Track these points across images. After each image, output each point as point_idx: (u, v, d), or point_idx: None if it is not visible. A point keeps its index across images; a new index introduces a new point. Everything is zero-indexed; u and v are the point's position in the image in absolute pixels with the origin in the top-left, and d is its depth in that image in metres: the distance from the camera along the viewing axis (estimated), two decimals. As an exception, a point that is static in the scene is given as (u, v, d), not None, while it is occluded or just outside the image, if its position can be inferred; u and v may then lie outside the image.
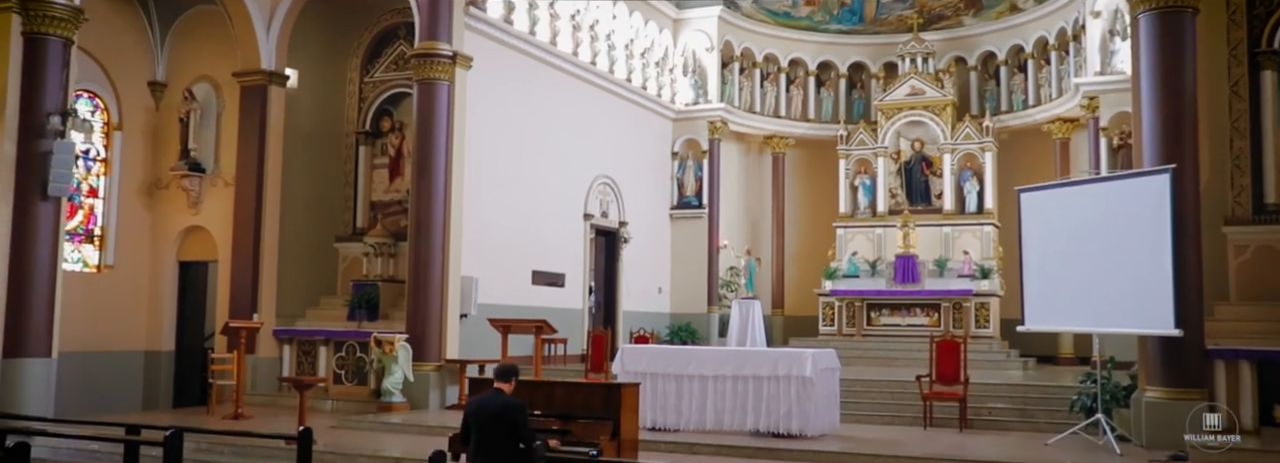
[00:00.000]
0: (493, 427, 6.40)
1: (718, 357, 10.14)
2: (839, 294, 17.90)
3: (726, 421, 9.86)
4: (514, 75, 14.75)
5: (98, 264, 13.97)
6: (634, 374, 10.23)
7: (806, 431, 9.56)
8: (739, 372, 9.83)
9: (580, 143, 16.34)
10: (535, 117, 15.23)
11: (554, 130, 15.69)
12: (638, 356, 10.45)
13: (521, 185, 14.82)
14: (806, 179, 20.37)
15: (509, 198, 14.46)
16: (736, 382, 9.82)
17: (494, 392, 6.65)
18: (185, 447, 9.51)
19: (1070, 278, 9.78)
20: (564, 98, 15.97)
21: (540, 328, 11.11)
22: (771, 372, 9.69)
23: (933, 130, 18.97)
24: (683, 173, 19.15)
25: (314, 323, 13.89)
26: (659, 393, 10.12)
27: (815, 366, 9.65)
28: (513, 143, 14.65)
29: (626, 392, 7.26)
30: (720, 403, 9.88)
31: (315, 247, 14.44)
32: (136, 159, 14.38)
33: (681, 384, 10.06)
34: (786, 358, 9.74)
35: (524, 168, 14.88)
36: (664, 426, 10.07)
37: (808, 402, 9.58)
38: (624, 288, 17.32)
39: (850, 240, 18.97)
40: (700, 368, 10.00)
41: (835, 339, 17.17)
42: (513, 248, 14.46)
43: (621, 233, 17.39)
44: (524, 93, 15.01)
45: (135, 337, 14.04)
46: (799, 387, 9.58)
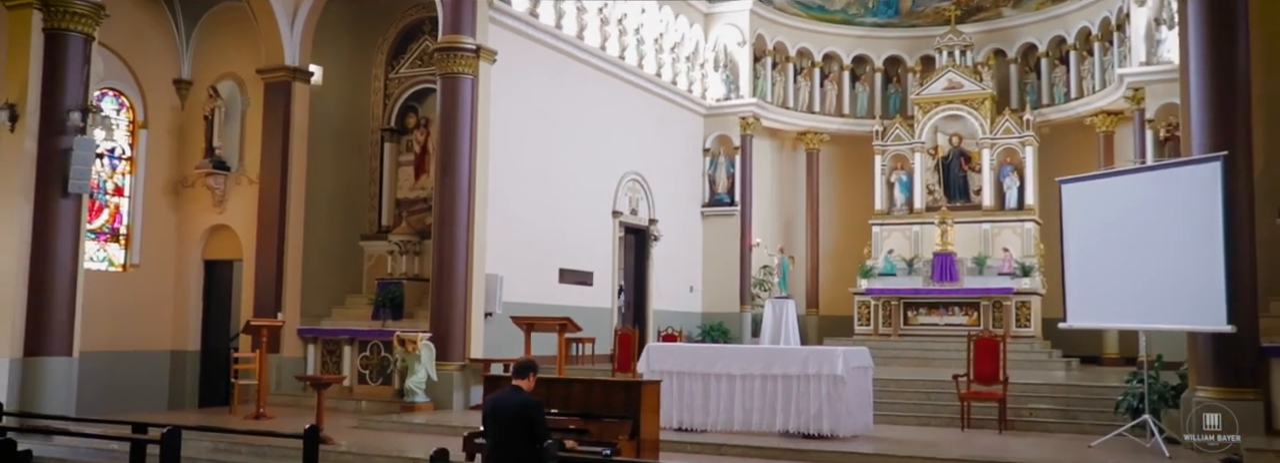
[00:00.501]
0: (510, 426, 6.24)
1: (746, 355, 9.91)
2: (875, 293, 17.66)
3: (755, 421, 9.63)
4: (540, 70, 14.61)
5: (123, 263, 14.01)
6: (660, 373, 10.00)
7: (838, 431, 9.30)
8: (768, 370, 9.60)
9: (609, 139, 16.18)
10: (562, 112, 15.08)
11: (581, 126, 15.53)
12: (664, 354, 10.23)
13: (548, 182, 14.67)
14: (842, 176, 20.16)
15: (536, 195, 14.33)
16: (765, 381, 9.59)
17: (511, 390, 6.49)
18: (202, 446, 9.63)
19: (1114, 272, 9.41)
20: (592, 93, 15.81)
21: (564, 326, 10.95)
22: (801, 370, 9.45)
23: (971, 125, 18.60)
24: (714, 170, 18.98)
25: (338, 322, 13.83)
26: (685, 393, 9.91)
27: (847, 364, 9.38)
28: (539, 139, 14.51)
29: (647, 390, 7.03)
30: (748, 403, 9.65)
31: (340, 245, 14.38)
32: (162, 157, 14.41)
33: (709, 384, 9.84)
34: (817, 356, 9.48)
35: (551, 164, 14.74)
36: (691, 426, 9.87)
37: (839, 401, 9.31)
38: (654, 287, 17.16)
39: (886, 238, 18.70)
40: (728, 367, 9.78)
41: (871, 339, 16.92)
42: (539, 246, 14.32)
43: (651, 231, 17.24)
44: (550, 88, 14.86)
45: (161, 337, 14.05)
46: (830, 386, 9.32)
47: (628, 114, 16.71)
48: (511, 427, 6.26)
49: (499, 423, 6.36)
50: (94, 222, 13.62)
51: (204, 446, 9.58)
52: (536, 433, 6.20)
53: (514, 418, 6.25)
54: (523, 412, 6.24)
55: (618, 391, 7.09)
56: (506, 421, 6.30)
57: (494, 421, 6.40)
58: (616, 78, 16.48)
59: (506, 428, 6.30)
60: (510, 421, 6.27)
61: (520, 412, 6.25)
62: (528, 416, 6.24)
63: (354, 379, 13.30)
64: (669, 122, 17.99)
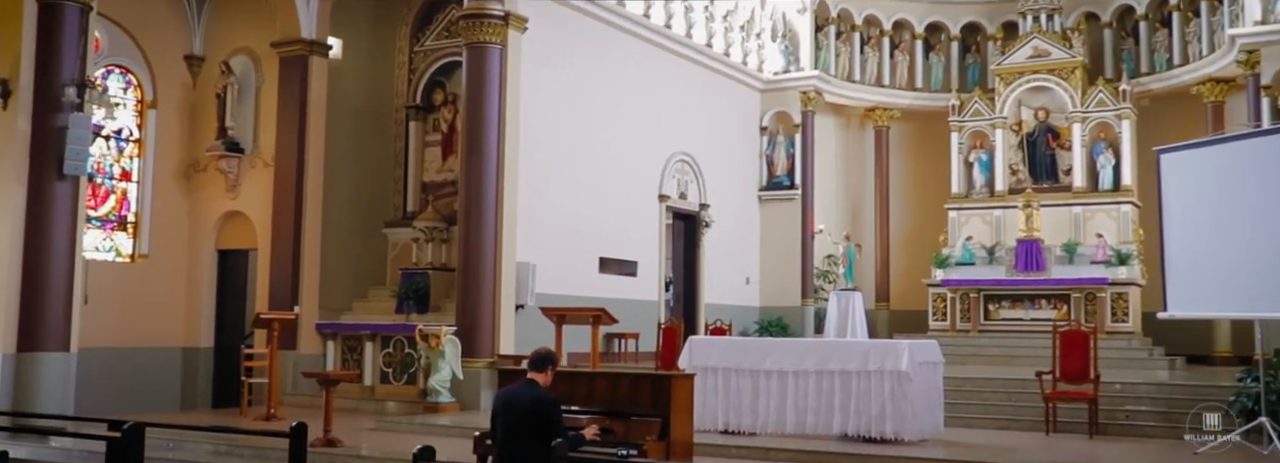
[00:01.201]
0: (522, 424, 5.98)
1: (799, 349, 9.63)
2: (952, 285, 17.26)
3: (810, 423, 9.38)
4: (577, 40, 14.36)
5: (131, 253, 14.01)
6: (704, 370, 9.79)
7: (903, 435, 8.99)
8: (824, 366, 9.31)
9: (654, 116, 15.91)
10: (602, 86, 14.83)
11: (624, 102, 15.27)
12: (708, 348, 9.98)
13: (587, 163, 14.43)
14: (914, 155, 19.76)
15: (572, 176, 14.11)
16: (821, 378, 9.32)
17: (525, 383, 6.22)
18: (202, 449, 9.53)
19: (1223, 254, 8.82)
20: (635, 65, 15.56)
21: (598, 317, 10.70)
22: (862, 366, 9.14)
23: (1060, 97, 18.06)
24: (772, 150, 18.71)
25: (360, 316, 13.74)
26: (732, 391, 9.69)
27: (913, 358, 9.03)
28: (576, 116, 14.27)
29: (678, 384, 6.69)
30: (802, 402, 9.40)
31: (361, 233, 14.30)
32: (172, 139, 14.40)
33: (758, 381, 9.61)
34: (879, 350, 9.16)
35: (590, 143, 14.50)
36: (738, 428, 9.66)
37: (904, 401, 8.97)
38: (706, 278, 16.87)
39: (964, 224, 18.30)
40: (779, 362, 9.52)
41: (947, 336, 16.64)
42: (577, 233, 14.08)
43: (702, 217, 16.97)
44: (589, 59, 14.61)
45: (172, 332, 14.06)
46: (894, 383, 8.99)
47: (675, 89, 16.44)
48: (524, 425, 5.99)
49: (510, 421, 6.08)
50: (100, 209, 13.68)
51: (204, 449, 9.47)
52: (552, 432, 5.89)
53: (527, 415, 5.98)
54: (537, 409, 5.97)
55: (645, 385, 6.76)
56: (518, 418, 6.03)
57: (504, 418, 6.12)
58: (663, 49, 16.20)
59: (518, 427, 6.02)
60: (522, 418, 6.00)
61: (534, 409, 5.98)
62: (542, 413, 5.96)
63: (376, 378, 13.17)
64: (721, 97, 17.71)
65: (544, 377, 6.19)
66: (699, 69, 17.07)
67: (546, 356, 6.26)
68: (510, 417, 6.09)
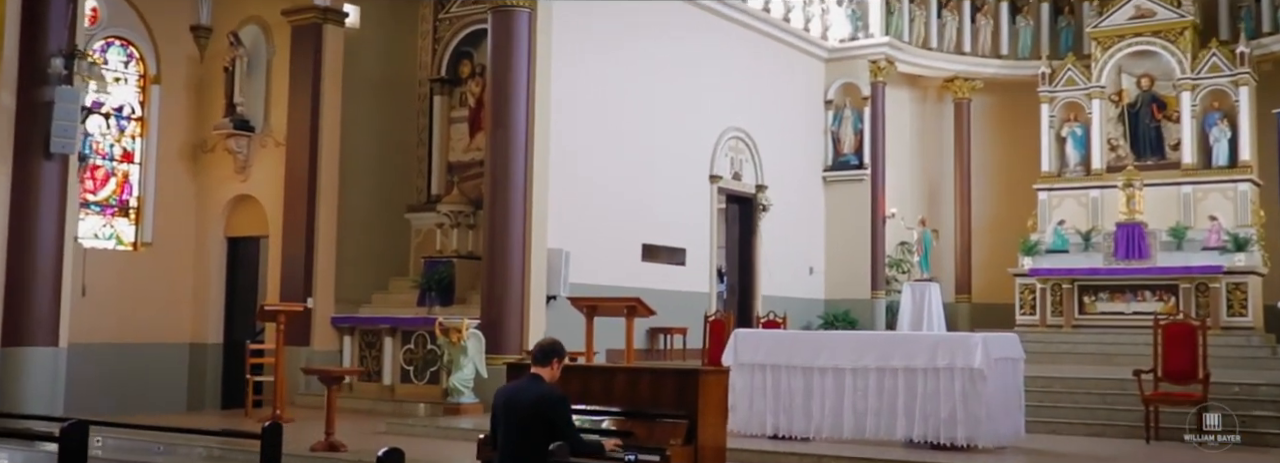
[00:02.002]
0: (525, 426, 5.68)
1: (857, 343, 9.21)
2: (1041, 274, 16.83)
3: (870, 427, 8.97)
4: (616, 4, 14.12)
5: (133, 241, 13.99)
6: (751, 367, 9.48)
7: (977, 441, 8.54)
8: (886, 363, 8.90)
9: (704, 89, 15.71)
10: (644, 55, 14.63)
11: (669, 72, 15.05)
12: (755, 343, 9.61)
13: (628, 139, 14.24)
14: (999, 130, 19.48)
15: (612, 154, 13.93)
16: (882, 376, 8.91)
17: (529, 379, 5.91)
18: (195, 453, 9.37)
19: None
20: (682, 32, 15.35)
21: (633, 308, 10.43)
22: (929, 362, 8.71)
23: (1166, 63, 17.56)
24: (839, 126, 18.51)
25: (379, 309, 13.61)
26: (783, 391, 9.33)
27: (988, 353, 8.56)
28: (616, 87, 14.08)
29: (707, 381, 6.29)
30: (861, 404, 9.00)
31: (382, 218, 14.15)
32: (177, 117, 14.35)
33: (811, 379, 9.23)
34: (949, 344, 8.70)
35: (631, 118, 14.32)
36: (789, 432, 9.29)
37: (978, 403, 8.53)
38: (763, 268, 16.71)
39: (1056, 206, 17.95)
40: (835, 358, 9.12)
41: (1036, 331, 16.29)
42: (617, 217, 13.93)
43: (759, 199, 16.79)
44: (630, 26, 14.42)
45: (177, 327, 14.04)
46: (966, 382, 8.55)
47: (728, 58, 16.21)
48: (527, 427, 5.68)
49: (512, 422, 5.77)
50: (99, 192, 13.68)
51: (196, 452, 9.34)
52: (561, 435, 5.56)
53: (530, 416, 5.69)
54: (542, 408, 5.67)
55: (669, 382, 6.36)
56: (521, 419, 5.72)
57: (505, 419, 5.82)
58: (715, 14, 15.98)
59: (521, 428, 5.71)
60: (526, 419, 5.70)
61: (538, 408, 5.68)
62: (547, 413, 5.65)
63: (395, 377, 13.05)
64: (780, 68, 17.49)
65: (549, 371, 5.88)
66: (756, 36, 16.85)
67: (551, 346, 5.95)
68: (512, 417, 5.79)
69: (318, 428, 10.06)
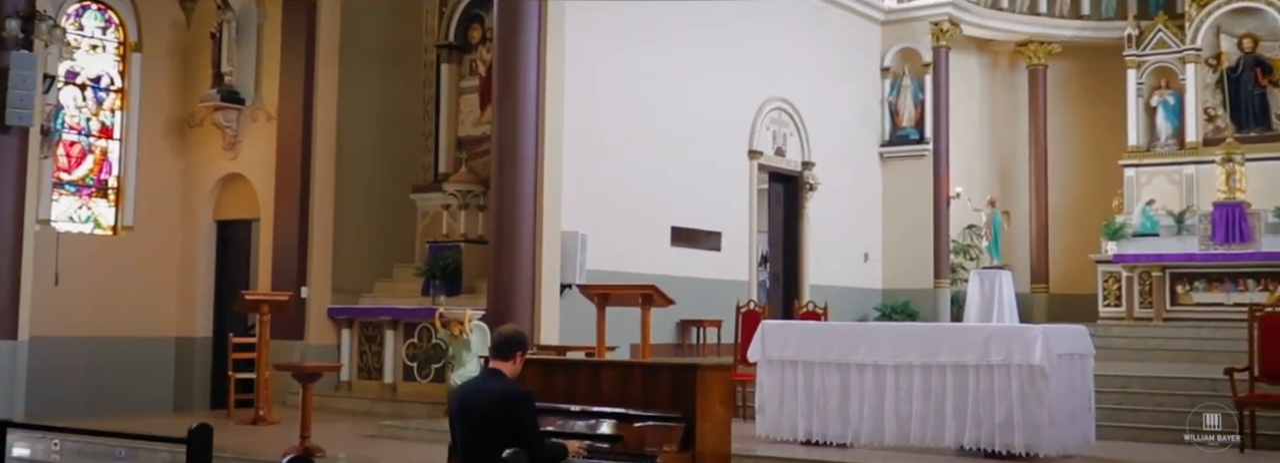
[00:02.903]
0: (485, 426, 5.40)
1: (900, 336, 8.83)
2: (1128, 261, 16.46)
3: (914, 432, 8.60)
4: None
5: (113, 225, 13.97)
6: (781, 364, 9.15)
7: (1038, 449, 8.16)
8: (932, 358, 8.52)
9: (743, 54, 15.45)
10: (674, 16, 14.37)
11: (703, 36, 14.79)
12: (784, 336, 9.23)
13: (655, 110, 14.01)
14: (1079, 100, 19.16)
15: (636, 126, 13.70)
16: (928, 374, 8.55)
17: (488, 375, 5.64)
18: (159, 458, 9.14)
19: None
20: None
21: (649, 297, 10.05)
22: (981, 358, 8.31)
23: (1272, 21, 17.16)
24: (896, 96, 18.21)
25: (382, 299, 13.46)
26: (816, 391, 8.98)
27: (1049, 348, 8.14)
28: (641, 51, 13.83)
29: (708, 377, 5.90)
30: (905, 406, 8.62)
31: (385, 199, 14.01)
32: (161, 89, 14.32)
33: (848, 378, 8.88)
34: (1004, 337, 8.28)
35: (659, 86, 14.08)
36: (824, 438, 8.95)
37: (1038, 405, 8.12)
38: (810, 254, 16.48)
39: (1145, 184, 17.59)
40: (875, 353, 8.76)
41: (1122, 325, 16.01)
42: (642, 196, 13.70)
43: (805, 178, 16.57)
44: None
45: (162, 319, 14.02)
46: (1024, 381, 8.16)
47: (771, 20, 15.89)
48: (486, 428, 5.38)
49: (469, 423, 5.49)
50: (74, 171, 13.64)
51: (160, 457, 9.03)
52: (521, 436, 5.29)
53: (489, 416, 5.39)
54: (503, 406, 5.38)
55: (663, 378, 5.97)
56: (479, 420, 5.43)
57: (462, 420, 5.53)
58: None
59: (479, 430, 5.43)
60: (484, 419, 5.41)
61: (499, 407, 5.38)
62: (509, 411, 5.36)
63: (397, 374, 12.89)
64: (830, 31, 17.22)
65: (510, 365, 5.60)
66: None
67: (512, 337, 5.66)
68: (469, 418, 5.50)
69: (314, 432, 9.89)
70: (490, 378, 5.54)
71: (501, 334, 5.70)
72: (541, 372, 6.37)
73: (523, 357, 5.61)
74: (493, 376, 5.54)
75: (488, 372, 5.62)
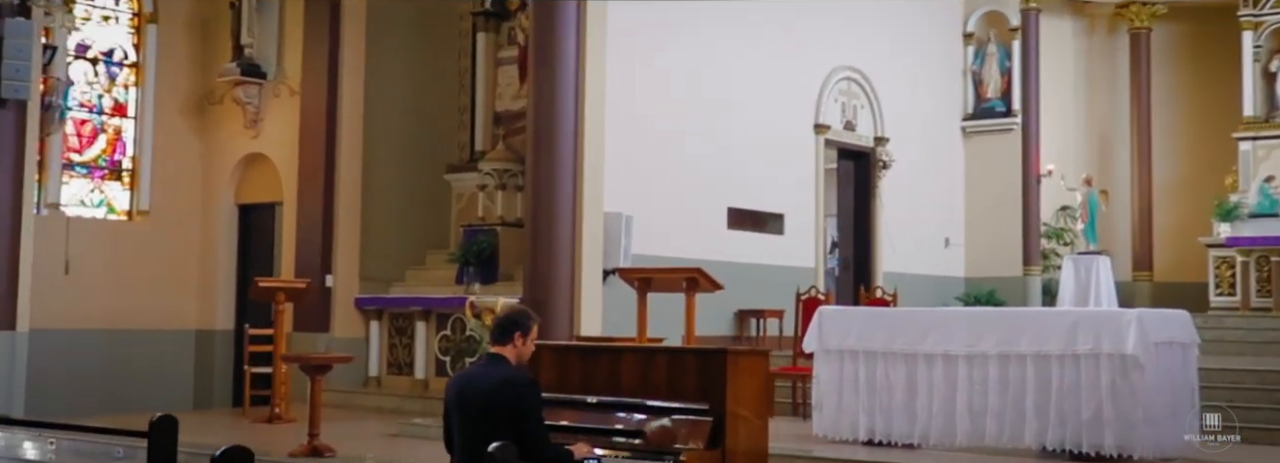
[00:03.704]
0: (484, 419, 5.13)
1: (974, 322, 8.66)
2: (1243, 244, 16.32)
3: (991, 431, 8.42)
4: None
5: (128, 210, 14.00)
6: (840, 354, 9.02)
7: (1132, 450, 7.96)
8: (1010, 347, 8.33)
9: (810, 19, 15.29)
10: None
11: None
12: (844, 323, 9.06)
13: (711, 80, 13.90)
14: (1186, 67, 18.84)
15: (689, 98, 13.61)
16: (1006, 365, 8.37)
17: (487, 362, 5.38)
18: None
19: None
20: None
21: (693, 281, 9.83)
22: (1066, 346, 8.12)
23: None
24: (981, 64, 18.03)
25: (413, 288, 13.45)
26: (880, 384, 8.85)
27: (1144, 335, 7.90)
28: (693, 15, 13.64)
29: (740, 364, 5.55)
30: (980, 401, 8.44)
31: (417, 180, 13.99)
32: (178, 63, 14.30)
33: (916, 370, 8.73)
34: (1093, 323, 8.07)
35: (715, 54, 13.96)
36: (888, 438, 8.81)
37: (1132, 400, 7.91)
38: (883, 238, 16.33)
39: (1263, 159, 17.15)
40: (945, 342, 8.57)
41: (1237, 315, 15.84)
42: (694, 175, 13.59)
43: (878, 155, 16.45)
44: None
45: (182, 310, 14.01)
46: (1116, 373, 7.96)
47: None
48: (488, 423, 5.10)
49: (467, 416, 5.23)
50: (86, 151, 13.67)
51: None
52: (524, 431, 5.02)
53: (489, 408, 5.12)
54: (504, 397, 5.10)
55: (688, 365, 5.64)
56: (478, 411, 5.17)
57: (459, 413, 5.27)
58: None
59: (478, 424, 5.15)
60: (484, 412, 5.14)
61: (500, 398, 5.11)
62: (513, 403, 5.08)
63: (430, 370, 12.84)
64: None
65: (513, 349, 5.31)
66: (875, -48, 16.46)
67: (510, 317, 5.37)
68: (466, 410, 5.23)
69: (333, 432, 9.80)
70: (490, 365, 5.27)
71: (504, 316, 5.43)
72: (555, 358, 6.11)
73: (527, 339, 5.31)
74: (493, 362, 5.26)
75: (488, 358, 5.35)
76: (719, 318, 13.28)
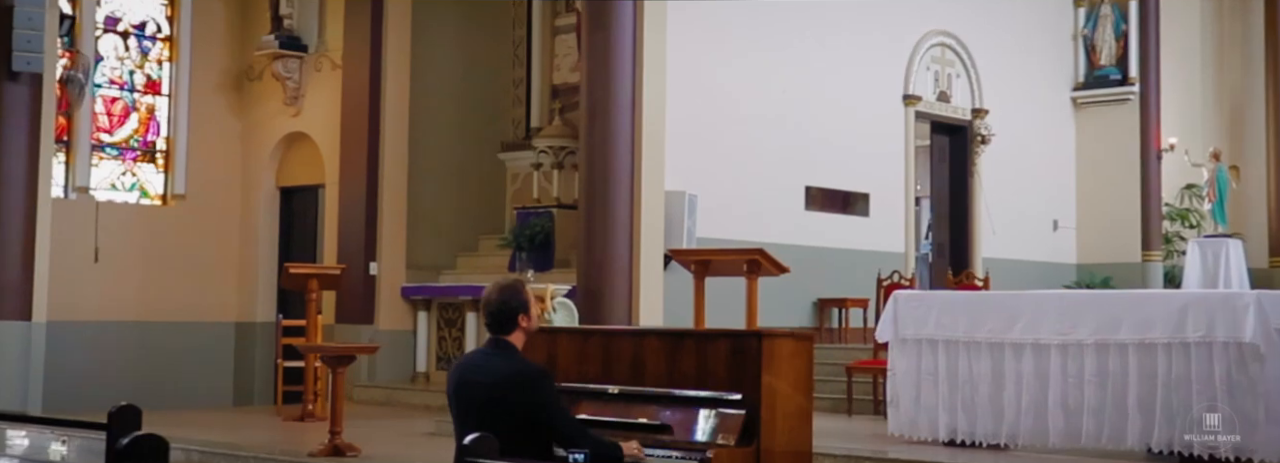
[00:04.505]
0: (493, 414, 4.88)
1: (1068, 307, 8.18)
2: None
3: (1088, 430, 7.98)
4: None
5: (162, 194, 14.13)
6: (918, 343, 8.64)
7: (1252, 453, 7.46)
8: (1109, 335, 7.86)
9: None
10: None
11: None
12: (922, 310, 8.64)
13: (785, 46, 13.85)
14: None
15: (761, 66, 13.53)
16: (1104, 355, 7.90)
17: (490, 350, 5.10)
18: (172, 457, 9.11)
19: None
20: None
21: (755, 263, 9.59)
22: (1174, 333, 7.63)
23: None
24: (1094, 28, 17.86)
25: (465, 276, 13.45)
26: (962, 377, 8.44)
27: (1265, 320, 7.43)
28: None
29: (776, 348, 5.17)
30: (1075, 396, 8.00)
31: (469, 159, 14.08)
32: (214, 36, 14.44)
33: (1002, 361, 8.31)
34: (1204, 306, 7.58)
35: (790, 17, 13.88)
36: (972, 437, 8.40)
37: (1252, 397, 7.45)
38: (982, 221, 16.11)
39: None
40: (1036, 329, 8.13)
41: None
42: (768, 151, 13.53)
43: (976, 128, 16.25)
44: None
45: (221, 301, 14.18)
46: (1231, 364, 7.51)
47: None
48: (494, 418, 4.84)
49: (470, 412, 4.98)
50: (116, 132, 13.76)
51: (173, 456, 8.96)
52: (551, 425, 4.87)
53: (496, 403, 4.88)
54: (515, 392, 4.87)
55: (719, 351, 5.30)
56: (483, 406, 4.92)
57: (461, 408, 5.04)
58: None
59: (485, 420, 4.83)
60: (490, 407, 4.89)
61: (509, 390, 4.88)
62: (526, 397, 4.86)
63: None
64: None
65: (522, 334, 5.06)
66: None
67: (508, 300, 5.07)
68: (470, 406, 4.99)
69: (358, 429, 9.69)
70: (495, 354, 5.00)
71: (486, 300, 5.13)
72: (573, 344, 5.84)
73: (530, 320, 5.08)
74: (498, 351, 5.00)
75: (491, 345, 5.07)
76: (797, 307, 13.16)
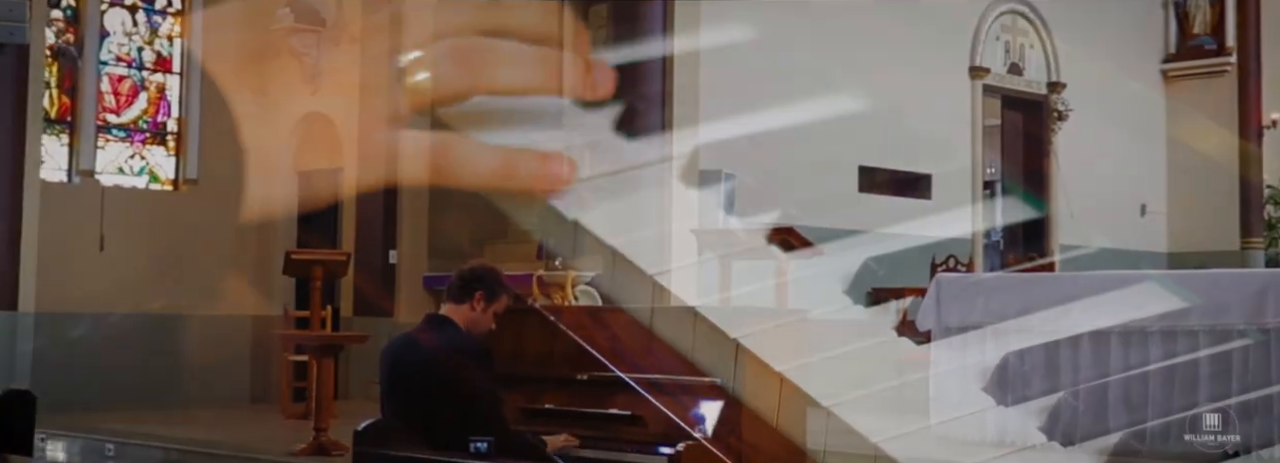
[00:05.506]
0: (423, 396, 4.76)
1: (1128, 289, 8.07)
2: None
3: (1153, 429, 7.82)
4: None
5: (173, 178, 14.05)
6: (962, 333, 8.57)
7: None
8: (1177, 321, 7.76)
9: None
10: None
11: None
12: (968, 295, 8.56)
13: (835, 12, 13.53)
14: None
15: (808, 34, 13.27)
16: (1172, 343, 7.81)
17: (427, 324, 5.00)
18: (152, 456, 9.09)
19: None
20: None
21: (786, 243, 9.55)
22: (1251, 318, 7.58)
23: None
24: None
25: (492, 264, 12.87)
26: (1012, 371, 8.36)
27: None
28: None
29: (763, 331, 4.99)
30: (1138, 392, 7.91)
31: None
32: (229, 11, 14.16)
33: (1057, 352, 8.21)
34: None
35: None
36: (1023, 439, 8.30)
37: None
38: (1060, 205, 15.90)
39: None
40: (1092, 316, 7.97)
41: None
42: (816, 126, 13.00)
43: (1053, 104, 16.04)
44: None
45: (235, 292, 13.90)
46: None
47: None
48: (425, 400, 4.72)
49: (398, 393, 4.88)
50: (124, 112, 13.70)
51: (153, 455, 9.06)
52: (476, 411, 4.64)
53: (426, 382, 4.72)
54: (440, 367, 4.69)
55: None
56: (411, 387, 4.80)
57: (391, 388, 4.93)
58: None
59: (416, 403, 4.76)
60: (421, 387, 4.75)
61: (432, 368, 4.70)
62: (450, 375, 4.67)
63: None
64: None
65: (469, 313, 4.93)
66: None
67: (481, 274, 5.13)
68: (397, 386, 4.88)
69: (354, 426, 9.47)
70: (431, 328, 4.82)
71: (464, 270, 5.10)
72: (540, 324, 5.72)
73: (489, 307, 4.95)
74: (434, 325, 4.83)
75: (427, 319, 4.93)
76: (850, 296, 12.96)
